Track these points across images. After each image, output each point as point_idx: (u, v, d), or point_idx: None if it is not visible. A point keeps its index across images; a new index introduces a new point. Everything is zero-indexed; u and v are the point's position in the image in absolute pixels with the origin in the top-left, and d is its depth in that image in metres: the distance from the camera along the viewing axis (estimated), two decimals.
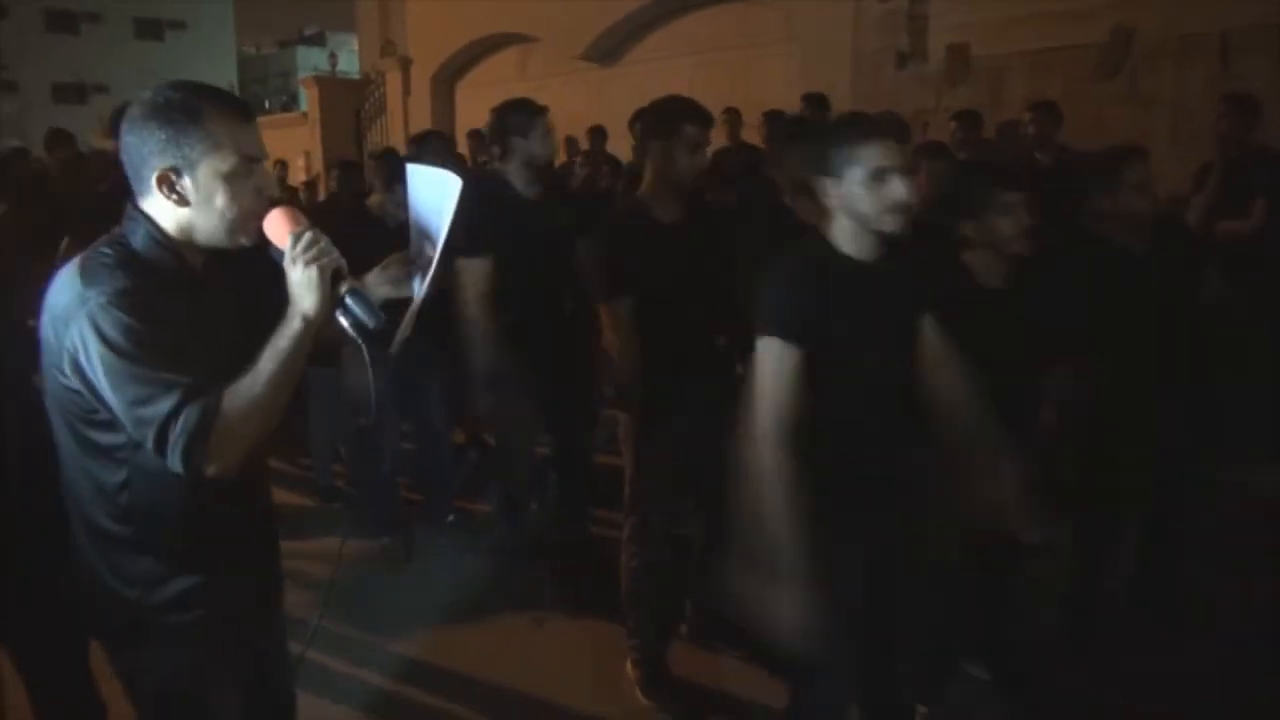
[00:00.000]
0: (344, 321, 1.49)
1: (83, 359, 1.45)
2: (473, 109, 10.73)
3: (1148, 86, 5.71)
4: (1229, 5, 5.59)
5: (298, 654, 1.92)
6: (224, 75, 34.74)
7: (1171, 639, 3.18)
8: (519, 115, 3.49)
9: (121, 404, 1.44)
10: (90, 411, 1.51)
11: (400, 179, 4.03)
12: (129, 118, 1.53)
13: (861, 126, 2.13)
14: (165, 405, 1.41)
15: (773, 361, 2.05)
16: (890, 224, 2.05)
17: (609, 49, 9.85)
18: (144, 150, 1.51)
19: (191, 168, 1.51)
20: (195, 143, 1.50)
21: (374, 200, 4.21)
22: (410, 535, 4.25)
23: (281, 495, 4.77)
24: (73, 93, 32.91)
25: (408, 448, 4.58)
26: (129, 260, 1.51)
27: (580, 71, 10.03)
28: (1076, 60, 6.23)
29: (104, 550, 1.60)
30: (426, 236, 1.67)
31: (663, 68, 9.05)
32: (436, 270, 1.64)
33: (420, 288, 1.67)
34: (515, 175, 3.51)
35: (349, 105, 12.96)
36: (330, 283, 1.47)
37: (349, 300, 1.48)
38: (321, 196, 9.00)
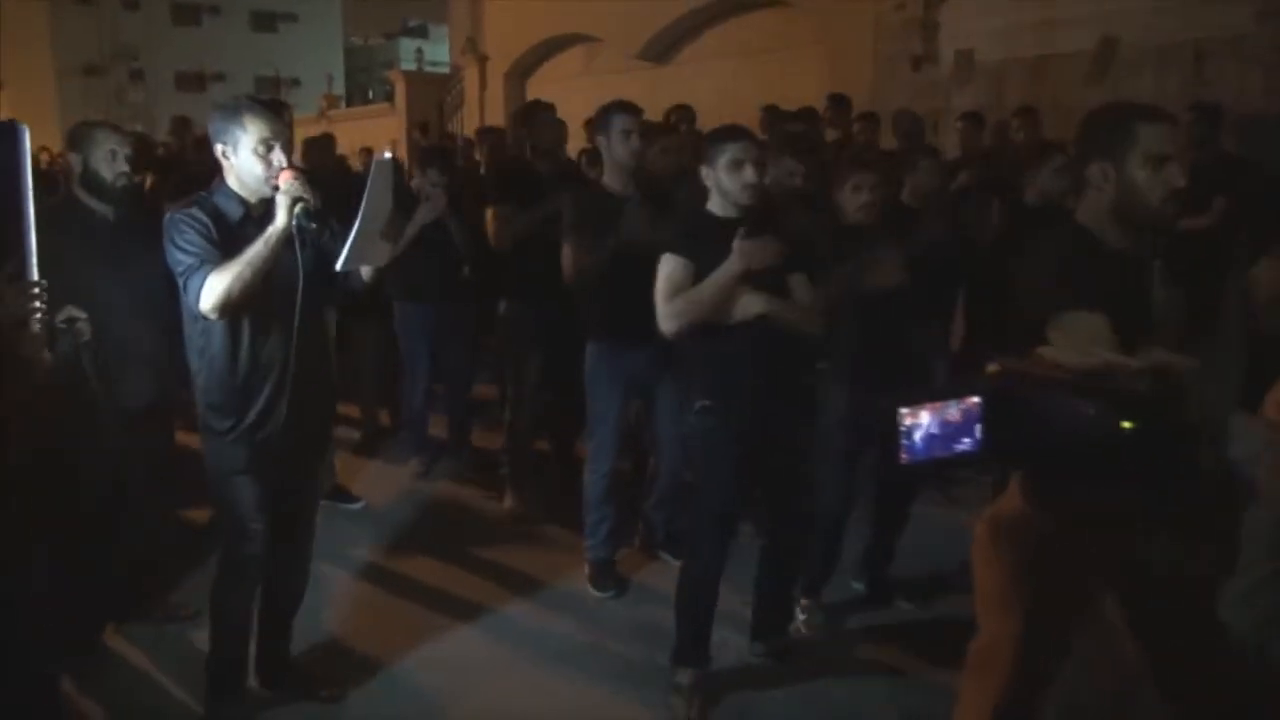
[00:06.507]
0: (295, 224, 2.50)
1: None
2: None
3: (1129, 92, 6.15)
4: (1201, 16, 6.02)
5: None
6: (330, 65, 36.52)
7: None
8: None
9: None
10: None
11: (429, 164, 4.94)
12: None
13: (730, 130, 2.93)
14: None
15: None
16: (746, 199, 2.84)
17: (662, 49, 10.61)
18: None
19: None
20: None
21: (415, 182, 5.12)
22: (432, 460, 5.22)
23: (338, 433, 5.79)
24: (194, 81, 35.09)
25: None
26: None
27: (638, 70, 10.79)
28: (1069, 66, 6.71)
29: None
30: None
31: (708, 67, 9.77)
32: (354, 243, 2.52)
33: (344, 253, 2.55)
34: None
35: (432, 99, 14.00)
36: (291, 207, 2.46)
37: (299, 216, 2.48)
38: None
